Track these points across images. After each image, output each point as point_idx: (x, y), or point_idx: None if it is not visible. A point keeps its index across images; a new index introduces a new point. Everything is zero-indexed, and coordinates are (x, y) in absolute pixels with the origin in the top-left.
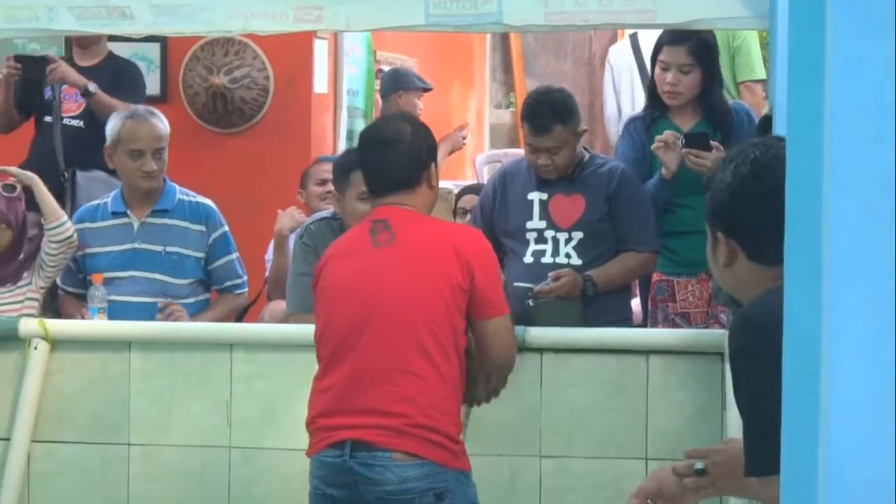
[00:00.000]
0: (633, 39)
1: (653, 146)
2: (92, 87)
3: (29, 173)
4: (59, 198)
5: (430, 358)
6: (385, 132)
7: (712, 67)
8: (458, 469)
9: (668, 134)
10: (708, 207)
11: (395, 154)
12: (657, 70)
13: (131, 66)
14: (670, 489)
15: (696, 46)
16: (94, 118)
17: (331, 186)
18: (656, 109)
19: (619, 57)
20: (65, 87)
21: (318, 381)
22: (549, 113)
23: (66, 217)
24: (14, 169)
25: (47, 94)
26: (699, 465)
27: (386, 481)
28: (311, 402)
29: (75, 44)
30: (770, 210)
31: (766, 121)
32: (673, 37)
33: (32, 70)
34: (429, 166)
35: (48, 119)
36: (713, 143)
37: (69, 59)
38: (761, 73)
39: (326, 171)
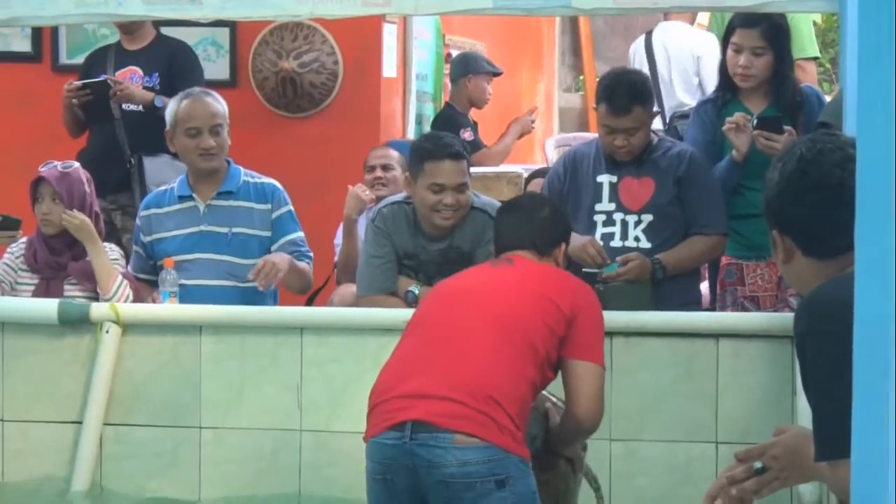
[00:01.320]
0: (647, 38)
1: (724, 128)
2: (158, 101)
3: (93, 233)
4: (127, 184)
5: (515, 351)
6: (525, 202)
7: (783, 50)
8: (520, 455)
9: (738, 116)
10: (763, 206)
11: (529, 219)
12: (729, 52)
13: (185, 50)
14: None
15: (769, 29)
16: None
17: (379, 173)
18: (727, 92)
19: (637, 54)
20: (119, 73)
21: (393, 353)
22: (628, 94)
23: (116, 285)
24: (80, 217)
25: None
26: (758, 464)
27: (446, 464)
28: (381, 373)
29: (120, 29)
30: (818, 205)
31: (821, 127)
32: (746, 19)
33: (99, 92)
34: (559, 245)
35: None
36: (786, 127)
37: (118, 45)
38: (812, 51)
39: (376, 157)
